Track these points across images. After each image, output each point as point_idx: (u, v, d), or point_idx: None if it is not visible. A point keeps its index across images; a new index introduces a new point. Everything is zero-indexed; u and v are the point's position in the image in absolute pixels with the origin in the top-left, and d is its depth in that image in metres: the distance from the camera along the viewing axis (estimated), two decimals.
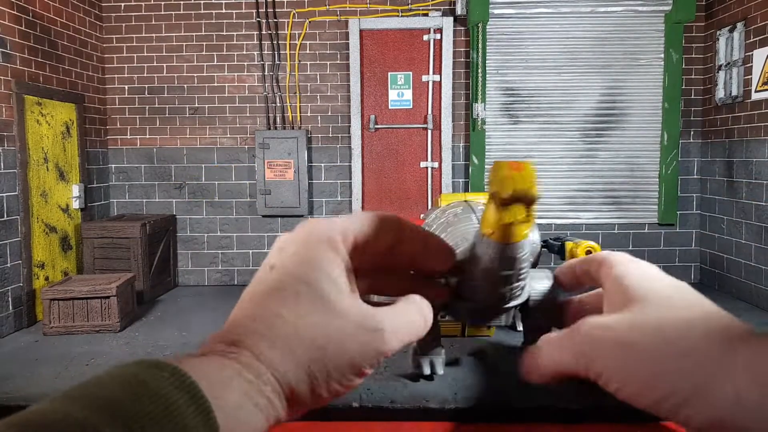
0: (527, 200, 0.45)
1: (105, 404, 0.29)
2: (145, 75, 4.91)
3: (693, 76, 4.80)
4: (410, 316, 0.43)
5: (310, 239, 0.41)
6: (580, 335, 0.41)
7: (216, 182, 4.93)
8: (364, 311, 0.40)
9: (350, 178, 4.87)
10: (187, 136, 4.93)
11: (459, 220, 0.96)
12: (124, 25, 4.88)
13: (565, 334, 0.43)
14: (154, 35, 4.87)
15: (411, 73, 4.78)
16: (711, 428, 0.36)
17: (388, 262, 0.45)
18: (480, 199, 1.24)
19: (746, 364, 0.35)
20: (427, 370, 1.13)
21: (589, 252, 1.64)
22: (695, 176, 4.86)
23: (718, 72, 4.56)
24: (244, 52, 4.86)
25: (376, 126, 4.81)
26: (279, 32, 4.82)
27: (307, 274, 0.39)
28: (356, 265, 0.42)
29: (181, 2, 4.84)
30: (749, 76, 4.21)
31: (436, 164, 4.83)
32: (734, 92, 4.35)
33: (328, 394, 0.38)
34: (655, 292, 0.41)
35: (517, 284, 0.54)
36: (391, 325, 0.40)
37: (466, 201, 1.16)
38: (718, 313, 0.39)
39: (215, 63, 4.87)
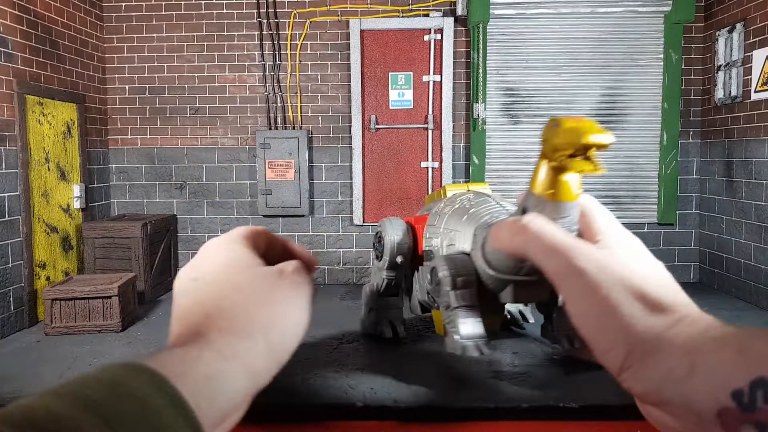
0: (603, 146, 0.47)
1: (87, 402, 0.31)
2: (145, 75, 4.92)
3: (692, 77, 4.81)
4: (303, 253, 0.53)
5: (214, 247, 0.50)
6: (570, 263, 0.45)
7: (217, 182, 4.94)
8: (276, 266, 0.49)
9: (351, 178, 4.88)
10: (188, 136, 4.93)
11: (478, 203, 0.97)
12: (124, 25, 4.88)
13: (555, 247, 0.46)
14: (154, 35, 4.88)
15: (411, 73, 4.79)
16: (646, 396, 0.39)
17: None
18: (483, 189, 1.24)
19: (684, 342, 0.38)
20: (389, 333, 1.15)
21: None
22: (695, 176, 4.87)
23: (717, 72, 4.57)
24: (245, 52, 4.86)
25: (377, 126, 4.82)
26: (280, 32, 4.83)
27: (225, 261, 0.48)
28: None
29: (182, 2, 4.84)
30: (748, 77, 4.22)
31: (436, 164, 4.84)
32: (734, 92, 4.36)
33: (294, 337, 0.45)
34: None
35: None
36: (296, 263, 0.50)
37: (469, 190, 1.17)
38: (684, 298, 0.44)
39: (216, 63, 4.88)
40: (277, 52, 4.82)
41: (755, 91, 4.13)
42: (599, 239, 0.49)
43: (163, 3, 4.85)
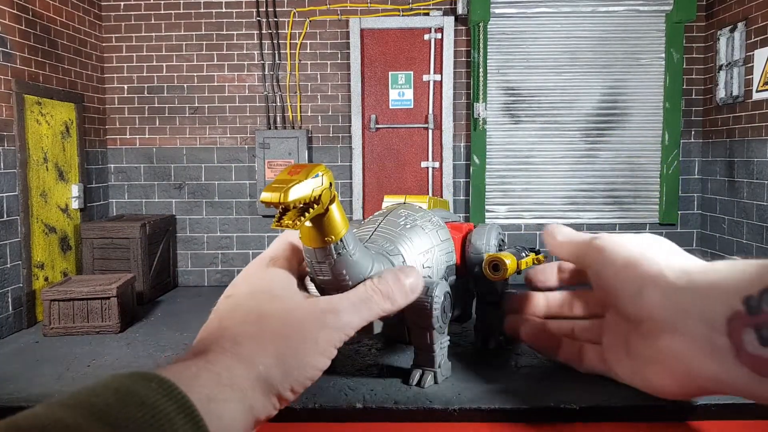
0: (279, 207, 0.48)
1: (95, 411, 0.30)
2: (144, 74, 4.90)
3: (694, 76, 4.80)
4: (366, 293, 0.50)
5: (254, 267, 0.50)
6: (592, 245, 0.54)
7: (216, 182, 4.93)
8: (316, 299, 0.48)
9: (351, 178, 4.87)
10: (187, 136, 4.92)
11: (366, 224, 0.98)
12: (123, 24, 4.87)
13: (582, 241, 0.56)
14: (153, 34, 4.86)
15: (412, 72, 4.77)
16: (670, 316, 0.44)
17: None
18: (418, 202, 1.22)
19: (703, 265, 0.45)
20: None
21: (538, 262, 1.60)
22: (696, 176, 4.86)
23: (718, 72, 4.56)
24: (245, 52, 4.85)
25: (377, 126, 4.81)
26: (279, 31, 4.81)
27: (260, 286, 0.47)
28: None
29: (181, 1, 4.83)
30: (750, 76, 4.20)
31: (437, 164, 4.82)
32: (735, 92, 4.34)
33: (303, 377, 0.43)
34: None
35: (331, 287, 0.55)
36: (346, 304, 0.48)
37: (405, 202, 1.15)
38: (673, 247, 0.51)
39: (215, 62, 4.86)
40: (276, 52, 4.81)
41: (757, 91, 4.11)
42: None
43: (162, 2, 4.83)
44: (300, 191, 0.46)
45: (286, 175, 0.48)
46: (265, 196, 0.47)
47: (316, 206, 0.47)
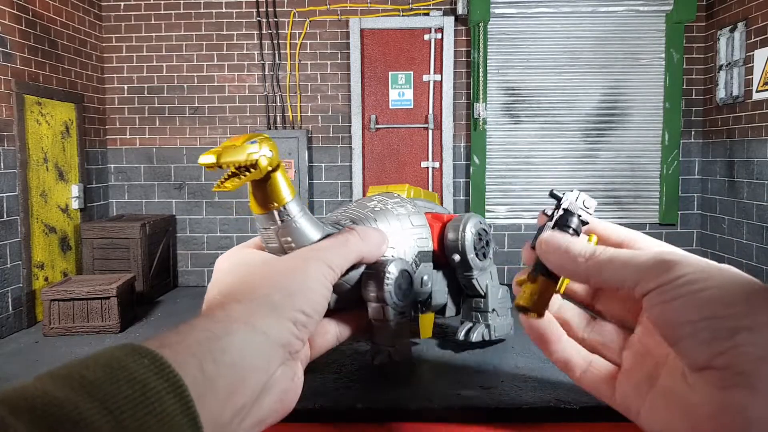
0: (215, 169, 0.53)
1: (85, 384, 0.30)
2: (144, 74, 4.90)
3: (694, 76, 4.80)
4: (342, 236, 0.54)
5: (233, 251, 0.55)
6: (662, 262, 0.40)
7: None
8: (300, 251, 0.52)
9: (351, 178, 4.86)
10: (187, 136, 4.92)
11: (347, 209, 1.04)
12: (123, 24, 4.87)
13: (638, 258, 0.42)
14: (153, 34, 4.86)
15: (412, 72, 4.77)
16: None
17: None
18: (397, 192, 1.24)
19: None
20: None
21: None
22: (696, 176, 4.85)
23: (719, 72, 4.56)
24: (245, 52, 4.85)
25: (377, 126, 4.80)
26: (279, 32, 4.81)
27: (245, 260, 0.52)
28: None
29: (181, 1, 4.83)
30: (750, 76, 4.20)
31: (437, 164, 4.82)
32: (735, 92, 4.34)
33: (309, 300, 0.45)
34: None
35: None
36: (325, 243, 0.52)
37: (387, 192, 1.17)
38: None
39: (215, 62, 4.86)
40: (276, 52, 4.80)
41: (756, 91, 4.11)
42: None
43: (162, 2, 4.83)
44: (234, 154, 0.50)
45: (228, 142, 0.53)
46: (202, 159, 0.51)
47: (253, 170, 0.51)
